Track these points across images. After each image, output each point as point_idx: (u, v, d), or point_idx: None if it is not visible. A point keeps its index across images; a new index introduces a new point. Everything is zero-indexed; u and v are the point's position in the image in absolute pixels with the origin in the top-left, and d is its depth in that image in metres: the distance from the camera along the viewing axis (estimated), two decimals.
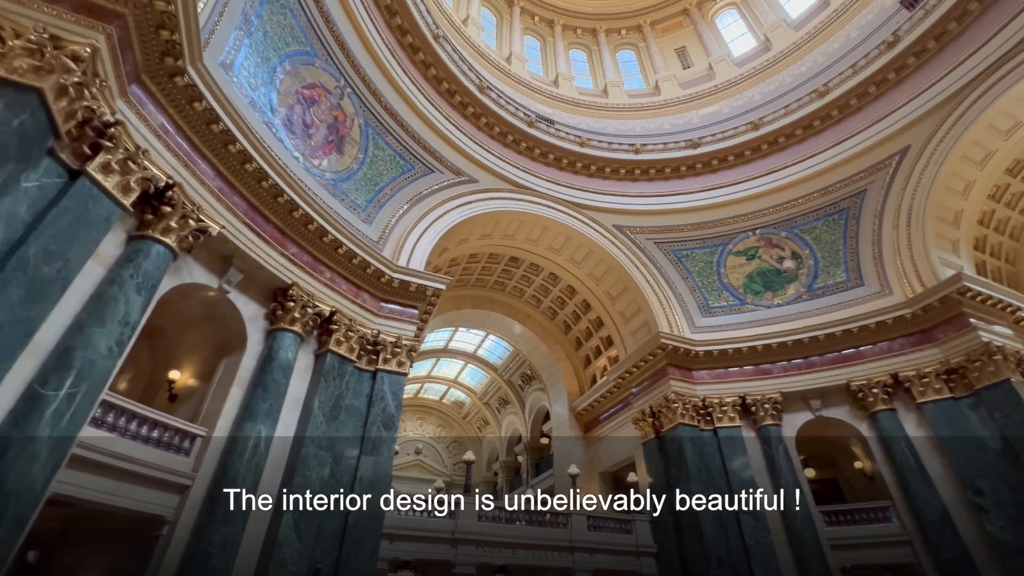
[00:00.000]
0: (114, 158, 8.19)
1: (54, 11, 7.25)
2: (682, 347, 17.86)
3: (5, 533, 6.34)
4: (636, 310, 20.26)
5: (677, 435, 16.67)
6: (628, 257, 20.00)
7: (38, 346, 7.16)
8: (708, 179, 20.51)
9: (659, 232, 20.48)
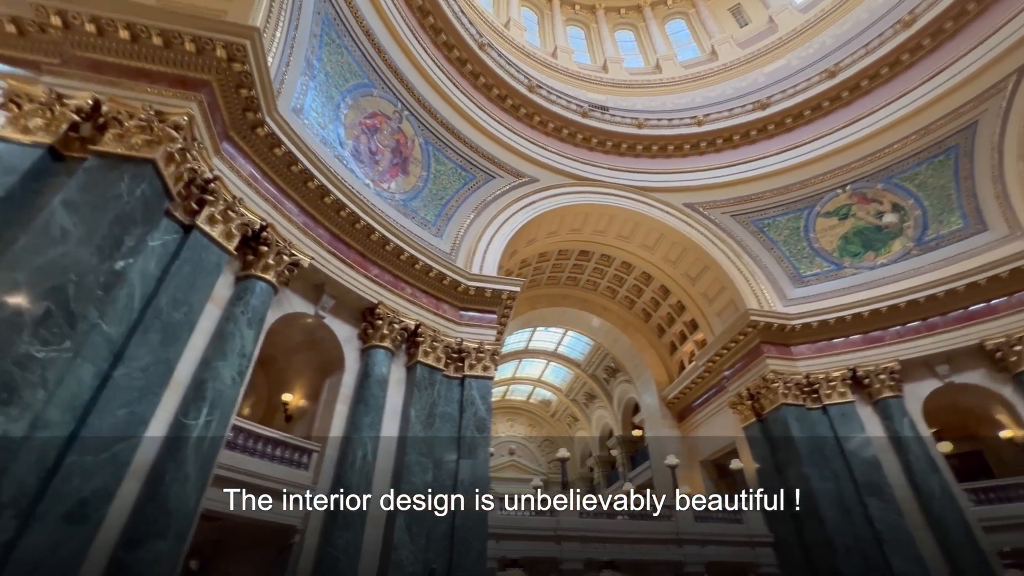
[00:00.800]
0: (216, 209, 9.21)
1: (155, 90, 8.30)
2: (775, 323, 16.71)
3: (171, 546, 7.32)
4: (719, 289, 19.27)
5: (781, 416, 15.61)
6: (703, 235, 19.07)
7: (177, 382, 8.21)
8: (783, 140, 19.04)
9: (735, 204, 19.33)
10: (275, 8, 10.70)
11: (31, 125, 7.51)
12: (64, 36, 8.43)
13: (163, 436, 7.86)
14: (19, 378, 5.91)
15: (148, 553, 7.08)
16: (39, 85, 7.84)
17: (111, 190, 7.36)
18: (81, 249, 6.79)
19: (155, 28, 8.50)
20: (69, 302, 6.52)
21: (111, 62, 8.45)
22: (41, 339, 6.16)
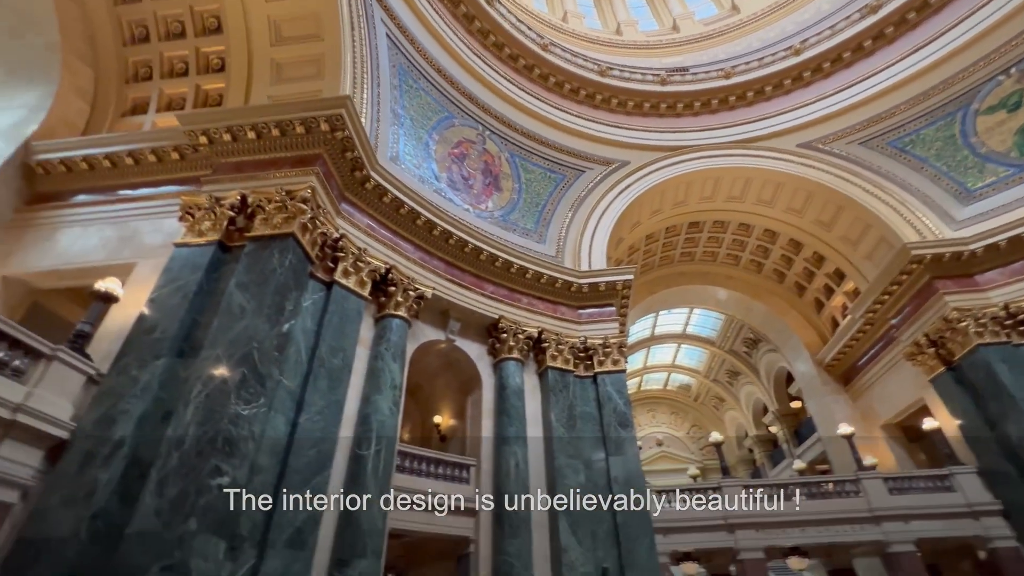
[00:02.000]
0: (348, 263, 10.36)
1: (282, 173, 9.64)
2: (946, 252, 14.16)
3: (372, 563, 8.26)
4: (863, 229, 16.90)
5: (980, 360, 13.13)
6: (828, 173, 16.91)
7: (347, 419, 9.32)
8: (907, 41, 16.26)
9: (861, 129, 16.88)
10: (358, 74, 11.83)
11: (203, 228, 9.17)
12: (211, 150, 10.20)
13: (345, 467, 8.97)
14: (235, 434, 7.17)
15: (355, 571, 8.09)
16: (202, 195, 9.55)
17: (267, 266, 8.67)
18: (256, 320, 8.07)
19: (272, 122, 9.91)
20: (257, 365, 7.77)
21: (247, 160, 10.02)
22: (243, 399, 7.42)
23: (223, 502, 6.69)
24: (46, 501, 6.54)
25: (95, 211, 10.57)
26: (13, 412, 6.35)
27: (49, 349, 6.94)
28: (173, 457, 6.71)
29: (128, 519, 6.36)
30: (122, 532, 6.27)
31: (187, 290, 8.43)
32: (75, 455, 6.86)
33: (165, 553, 5.98)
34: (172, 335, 7.92)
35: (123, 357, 7.82)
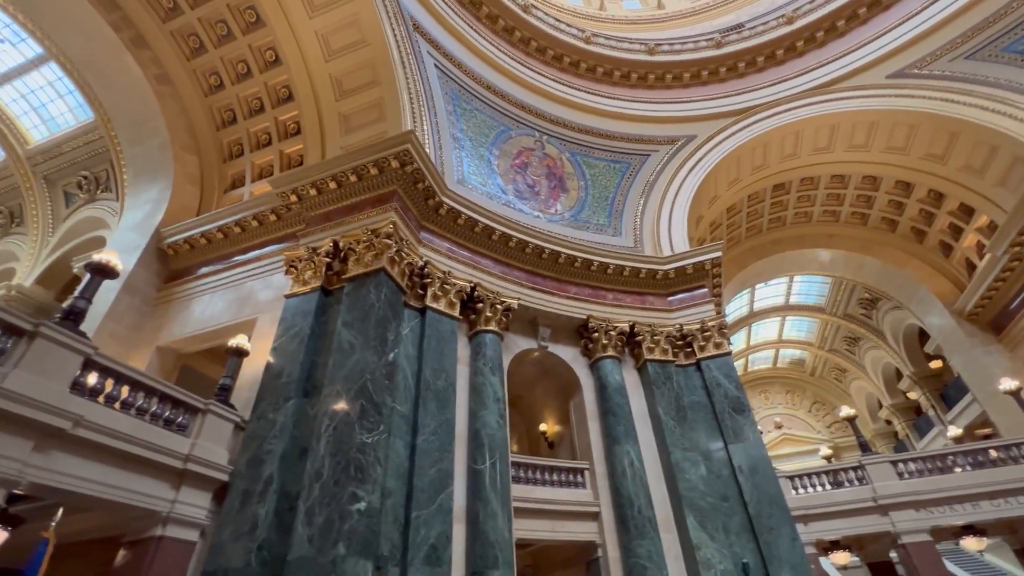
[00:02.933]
0: (435, 288, 10.81)
1: (365, 214, 10.32)
2: None
3: (504, 574, 8.42)
4: (988, 152, 14.78)
5: None
6: (932, 99, 14.95)
7: (459, 436, 9.65)
8: None
9: (964, 41, 14.84)
10: (416, 108, 12.42)
11: (305, 277, 10.03)
12: (301, 206, 11.19)
13: (465, 483, 9.28)
14: (363, 461, 7.69)
15: None
16: (300, 247, 10.48)
17: (366, 302, 9.28)
18: (365, 353, 8.65)
19: (348, 170, 10.67)
20: (372, 396, 8.31)
21: (333, 209, 10.88)
22: (365, 428, 7.96)
23: (363, 525, 7.18)
24: (219, 536, 7.42)
25: (217, 279, 11.96)
26: (184, 462, 7.31)
27: (203, 404, 7.92)
28: (315, 488, 7.33)
29: (287, 547, 7.02)
30: (284, 559, 6.93)
31: (302, 335, 9.25)
32: (236, 494, 7.73)
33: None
34: (296, 377, 8.70)
35: (260, 403, 8.72)
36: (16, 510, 6.57)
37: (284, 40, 12.78)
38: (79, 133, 14.90)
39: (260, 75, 13.39)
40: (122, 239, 12.74)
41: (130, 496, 6.74)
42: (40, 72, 14.25)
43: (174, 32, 13.12)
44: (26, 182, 15.78)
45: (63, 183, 15.65)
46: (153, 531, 6.98)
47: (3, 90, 14.69)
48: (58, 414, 5.86)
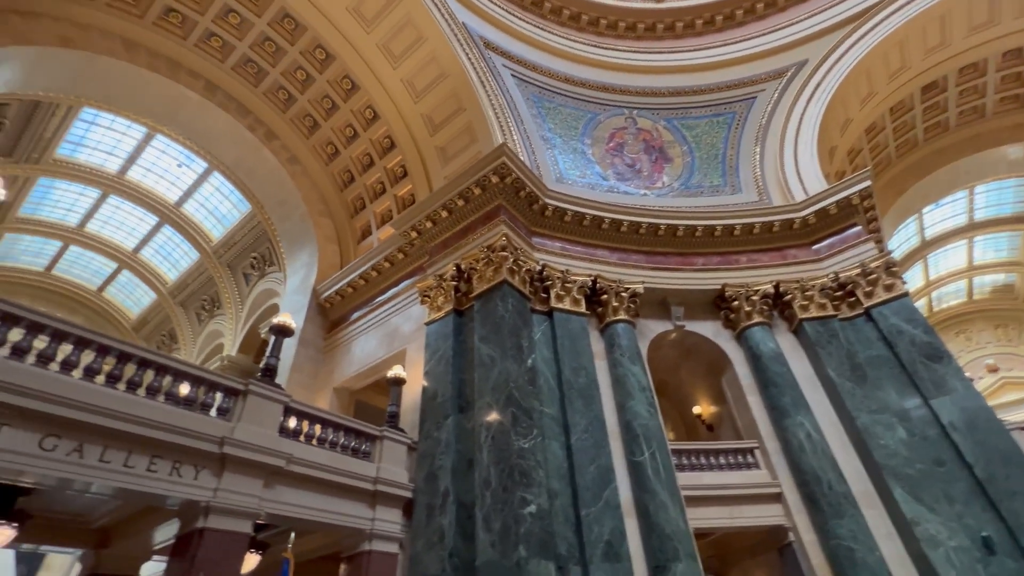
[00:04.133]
0: (556, 289, 10.93)
1: (478, 233, 10.86)
2: None
3: (688, 566, 8.07)
4: None
5: None
6: None
7: (611, 430, 9.57)
8: None
9: None
10: (503, 122, 12.79)
11: (438, 303, 10.84)
12: (422, 240, 12.14)
13: (627, 476, 9.15)
14: (524, 465, 8.00)
15: (675, 574, 8.03)
16: (428, 277, 11.37)
17: (495, 315, 9.71)
18: (505, 364, 9.04)
19: (455, 196, 11.33)
20: (520, 403, 8.64)
21: (449, 235, 11.68)
22: (520, 434, 8.29)
23: (538, 527, 7.45)
24: (414, 548, 8.25)
25: (366, 321, 13.47)
26: (374, 484, 8.30)
27: (379, 432, 8.94)
28: (487, 496, 7.80)
29: (473, 553, 7.56)
30: (472, 564, 7.48)
31: (446, 357, 9.97)
32: (421, 508, 8.55)
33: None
34: (450, 396, 9.40)
35: (423, 423, 9.58)
36: (261, 537, 8.03)
37: (377, 96, 14.06)
38: (244, 223, 17.93)
39: (364, 133, 14.88)
40: (290, 302, 15.00)
41: (338, 518, 7.83)
42: (208, 182, 17.46)
43: (293, 119, 15.20)
44: (216, 272, 19.40)
45: (241, 266, 18.92)
46: (363, 547, 8.01)
47: (188, 204, 18.28)
48: (275, 455, 7.06)
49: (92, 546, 8.50)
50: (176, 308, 21.56)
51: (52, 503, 7.37)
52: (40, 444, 5.34)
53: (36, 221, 18.44)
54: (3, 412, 5.13)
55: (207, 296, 20.63)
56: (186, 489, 6.27)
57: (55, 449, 5.42)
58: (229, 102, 14.45)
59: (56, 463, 5.41)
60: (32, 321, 5.66)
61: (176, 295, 21.33)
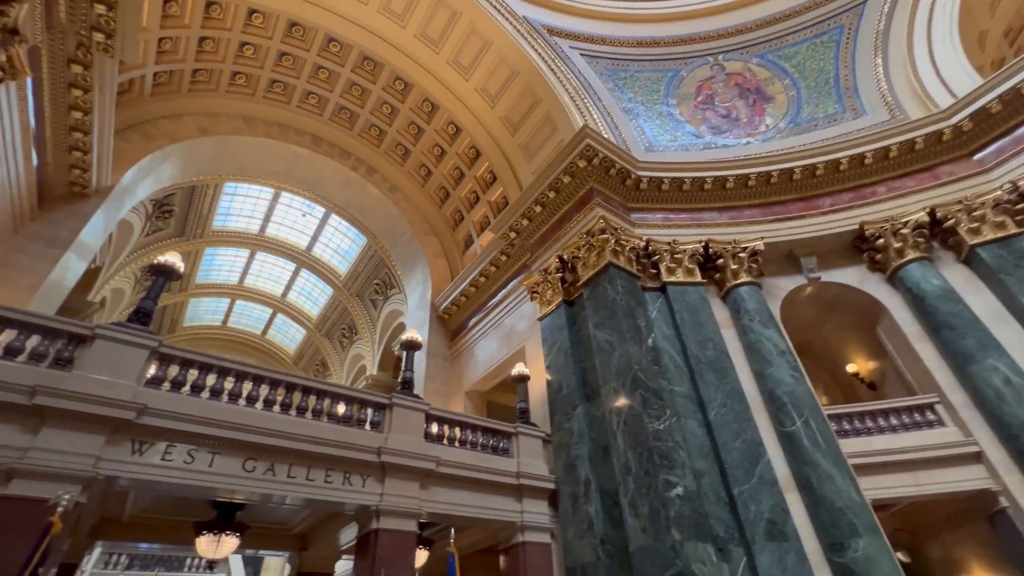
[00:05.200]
0: (666, 261, 10.45)
1: (575, 221, 10.77)
2: None
3: (871, 540, 7.19)
4: None
5: None
6: None
7: (753, 401, 8.89)
8: None
9: None
10: (579, 104, 12.54)
11: (548, 297, 10.96)
12: (521, 238, 12.37)
13: (779, 449, 8.43)
14: (663, 447, 7.77)
15: (856, 552, 7.21)
16: (534, 274, 11.55)
17: (606, 300, 9.56)
18: (624, 347, 8.86)
19: (545, 189, 11.36)
20: (647, 384, 8.40)
21: (547, 229, 11.75)
22: (653, 416, 8.06)
23: (688, 509, 7.19)
24: (566, 537, 8.42)
25: (483, 325, 14.08)
26: (517, 478, 8.65)
27: (512, 428, 9.30)
28: (629, 482, 7.71)
29: (624, 539, 7.51)
30: (625, 550, 7.43)
31: (564, 348, 10.04)
32: (565, 498, 8.72)
33: (668, 563, 6.73)
34: (574, 386, 9.45)
35: (553, 416, 9.75)
36: (426, 535, 8.80)
37: (456, 111, 14.64)
38: (363, 254, 19.79)
39: (451, 148, 15.57)
40: (414, 318, 16.22)
41: (489, 512, 8.28)
42: (328, 224, 19.56)
43: (386, 151, 16.42)
44: (348, 302, 21.67)
45: (367, 293, 20.91)
46: (517, 538, 8.38)
47: (316, 247, 20.66)
48: (424, 459, 7.69)
49: (295, 549, 10.01)
50: (323, 339, 24.46)
51: (260, 515, 8.79)
52: (243, 466, 6.42)
53: (208, 285, 22.14)
54: (214, 443, 6.25)
55: (345, 325, 23.09)
56: (358, 496, 7.10)
57: (254, 470, 6.48)
58: (332, 149, 16.04)
59: (256, 481, 6.46)
60: (221, 367, 6.82)
61: (320, 328, 24.20)
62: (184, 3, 11.41)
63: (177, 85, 13.08)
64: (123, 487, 6.03)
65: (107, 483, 5.68)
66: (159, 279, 6.97)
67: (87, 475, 5.31)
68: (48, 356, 5.69)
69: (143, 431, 5.86)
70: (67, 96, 9.06)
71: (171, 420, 6.02)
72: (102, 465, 5.47)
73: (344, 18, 13.20)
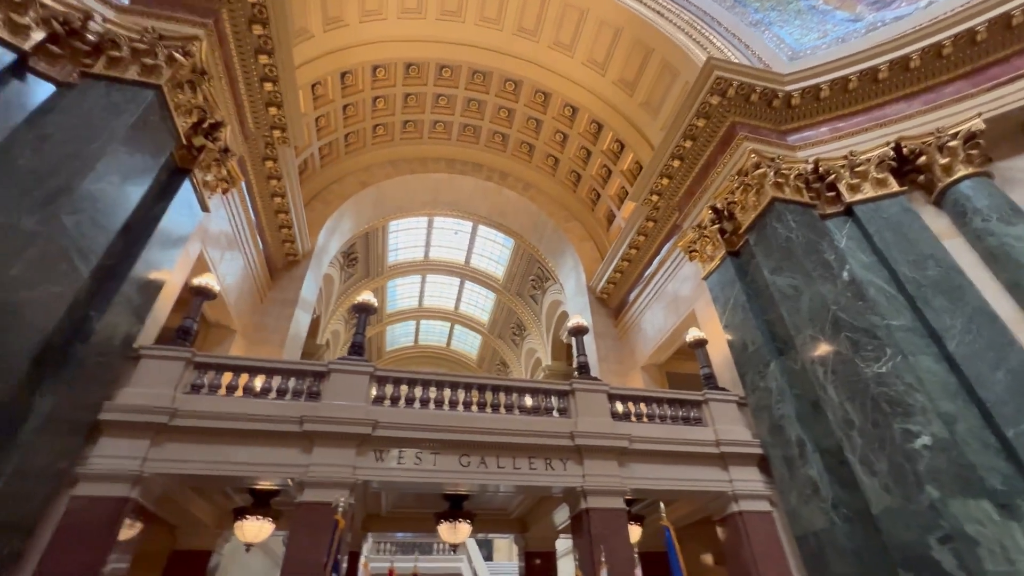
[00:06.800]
0: (845, 179, 8.89)
1: (720, 164, 9.82)
2: None
3: None
4: None
5: None
6: None
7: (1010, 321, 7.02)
8: None
9: None
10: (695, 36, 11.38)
11: (708, 252, 10.17)
12: (663, 199, 11.71)
13: None
14: (890, 393, 6.60)
15: None
16: (687, 232, 10.82)
17: (779, 241, 8.50)
18: (814, 288, 7.79)
19: (679, 140, 10.56)
20: (852, 324, 7.26)
21: (691, 181, 10.93)
22: (869, 359, 6.92)
23: (944, 461, 6.02)
24: (788, 504, 7.71)
25: (644, 297, 13.70)
26: (717, 446, 8.23)
27: (701, 396, 8.88)
28: (855, 438, 6.75)
29: (860, 501, 6.59)
30: (865, 513, 6.50)
31: (739, 303, 9.22)
32: (778, 462, 8.00)
33: (929, 525, 5.72)
34: (761, 342, 8.61)
35: (744, 377, 9.02)
36: (635, 511, 8.91)
37: (569, 92, 14.50)
38: (514, 255, 20.89)
39: (572, 130, 15.48)
40: (574, 305, 16.52)
41: (694, 484, 8.02)
42: (478, 235, 21.05)
43: (512, 153, 17.03)
44: (511, 303, 23.03)
45: (526, 291, 21.94)
46: (731, 508, 7.97)
47: (473, 259, 22.41)
48: (615, 437, 7.82)
49: (518, 531, 11.00)
50: (497, 340, 26.36)
51: (482, 503, 9.88)
52: (459, 462, 7.31)
53: (396, 312, 25.57)
54: (433, 445, 7.26)
55: (513, 324, 24.55)
56: (562, 479, 7.53)
57: (469, 464, 7.33)
58: (465, 166, 17.21)
59: (471, 473, 7.30)
60: (423, 380, 7.88)
61: (492, 331, 26.12)
62: (326, 82, 13.39)
63: (336, 152, 15.41)
64: (375, 489, 7.37)
65: (364, 486, 7.00)
66: (361, 316, 8.34)
67: (350, 481, 6.62)
68: (303, 392, 7.24)
69: (379, 442, 7.08)
70: (268, 186, 11.40)
71: (397, 430, 7.15)
72: (358, 472, 6.77)
73: (451, 43, 14.06)
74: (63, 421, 5.60)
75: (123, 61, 7.02)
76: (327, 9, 11.79)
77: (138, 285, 6.86)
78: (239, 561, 10.08)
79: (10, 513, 5.02)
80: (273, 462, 6.63)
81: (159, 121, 7.18)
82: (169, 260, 7.66)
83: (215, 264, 9.79)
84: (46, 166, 5.83)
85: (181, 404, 6.57)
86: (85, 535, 5.56)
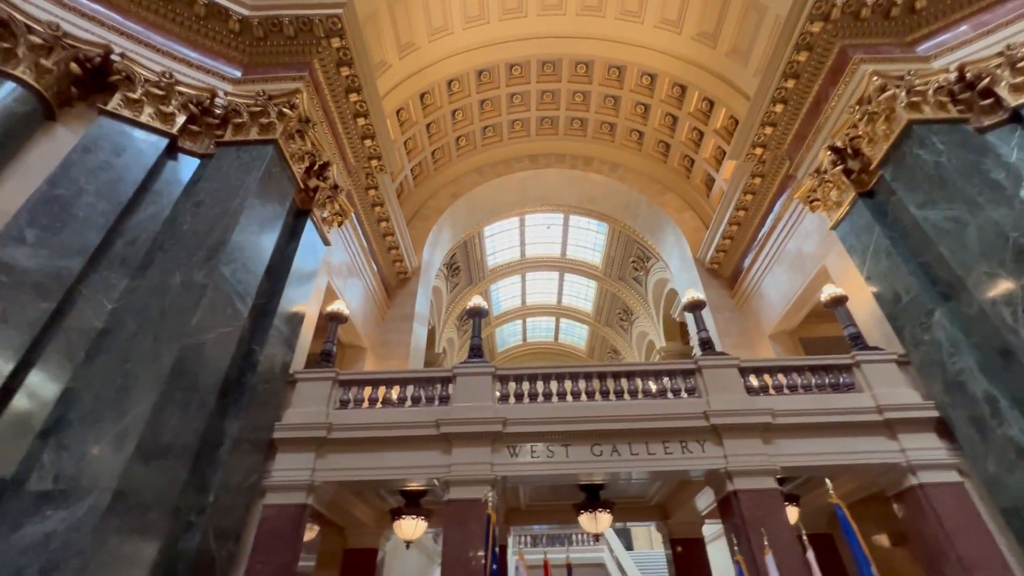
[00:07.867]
0: (1006, 79, 7.38)
1: (835, 97, 8.72)
2: None
3: None
4: None
5: None
6: None
7: None
8: None
9: None
10: None
11: (833, 198, 9.02)
12: (768, 151, 10.65)
13: None
14: None
15: None
16: (803, 181, 9.73)
17: (924, 168, 7.25)
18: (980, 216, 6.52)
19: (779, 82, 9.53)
20: None
21: (800, 124, 9.79)
22: None
23: None
24: (985, 471, 6.55)
25: (760, 262, 12.58)
26: (880, 412, 7.26)
27: (850, 359, 7.90)
28: None
29: None
30: None
31: (882, 248, 8.07)
32: (961, 425, 6.85)
33: None
34: (917, 289, 7.46)
35: (901, 332, 7.90)
36: (787, 490, 8.20)
37: (644, 60, 13.81)
38: (610, 240, 20.37)
39: (652, 99, 14.71)
40: (681, 280, 15.69)
41: (855, 456, 7.15)
42: (570, 226, 20.87)
43: (593, 135, 16.63)
44: (613, 288, 22.52)
45: (627, 274, 21.31)
46: (909, 481, 6.98)
47: (568, 250, 22.29)
48: (756, 413, 7.27)
49: (659, 518, 10.68)
50: (604, 328, 25.93)
51: (618, 491, 9.73)
52: (591, 451, 7.28)
53: (503, 314, 26.25)
54: (563, 437, 7.32)
55: (618, 309, 23.97)
56: (701, 461, 7.16)
57: (601, 453, 7.27)
58: (548, 159, 17.15)
59: (604, 462, 7.23)
60: (544, 374, 7.99)
61: (598, 319, 25.73)
62: (408, 106, 14.14)
63: (426, 170, 16.22)
64: (512, 484, 7.60)
65: (502, 482, 7.25)
66: (475, 319, 8.67)
67: (489, 477, 6.90)
68: (435, 397, 7.70)
69: (510, 438, 7.29)
70: (373, 213, 12.32)
71: (525, 425, 7.32)
72: (495, 468, 7.04)
73: (517, 40, 14.07)
74: (246, 441, 6.53)
75: (244, 125, 8.02)
76: (399, 37, 12.43)
77: (285, 318, 7.77)
78: (399, 557, 11.02)
79: (223, 521, 5.96)
80: (418, 464, 7.14)
81: (280, 171, 8.09)
82: (305, 294, 8.59)
83: (341, 291, 10.79)
84: (203, 227, 6.85)
85: (334, 419, 7.34)
86: (279, 538, 6.42)
